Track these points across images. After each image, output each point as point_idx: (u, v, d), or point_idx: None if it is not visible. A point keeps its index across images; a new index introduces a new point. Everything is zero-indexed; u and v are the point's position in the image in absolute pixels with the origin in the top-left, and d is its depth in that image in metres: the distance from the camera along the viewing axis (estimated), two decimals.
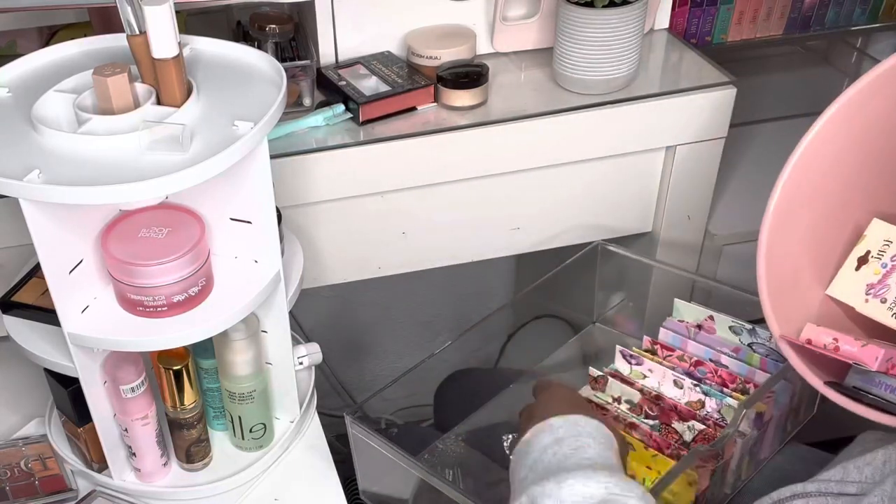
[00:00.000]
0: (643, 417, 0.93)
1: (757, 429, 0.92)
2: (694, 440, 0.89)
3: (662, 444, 0.89)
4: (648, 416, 0.93)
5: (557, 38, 1.12)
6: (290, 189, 1.03)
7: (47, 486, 0.92)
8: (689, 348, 0.99)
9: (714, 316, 1.02)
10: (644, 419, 0.92)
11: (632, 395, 0.94)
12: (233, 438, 0.95)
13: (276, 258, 0.83)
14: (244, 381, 0.88)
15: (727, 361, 0.96)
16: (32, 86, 0.76)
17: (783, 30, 1.43)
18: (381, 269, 1.17)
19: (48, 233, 0.72)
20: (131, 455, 0.89)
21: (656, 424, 0.91)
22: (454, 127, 1.07)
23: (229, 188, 0.79)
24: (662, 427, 0.91)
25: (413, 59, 1.13)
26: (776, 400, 0.93)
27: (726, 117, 1.15)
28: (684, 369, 0.97)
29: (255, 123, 0.71)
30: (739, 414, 0.85)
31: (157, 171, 0.67)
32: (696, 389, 0.93)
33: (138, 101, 0.74)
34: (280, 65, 0.78)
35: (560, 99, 1.12)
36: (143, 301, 0.77)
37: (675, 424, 0.91)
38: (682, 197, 1.20)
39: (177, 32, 0.72)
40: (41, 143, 0.70)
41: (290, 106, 1.08)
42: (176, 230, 0.78)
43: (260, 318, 0.88)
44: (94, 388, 0.82)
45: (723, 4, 1.37)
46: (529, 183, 1.14)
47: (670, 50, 1.23)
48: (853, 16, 1.44)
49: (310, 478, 0.93)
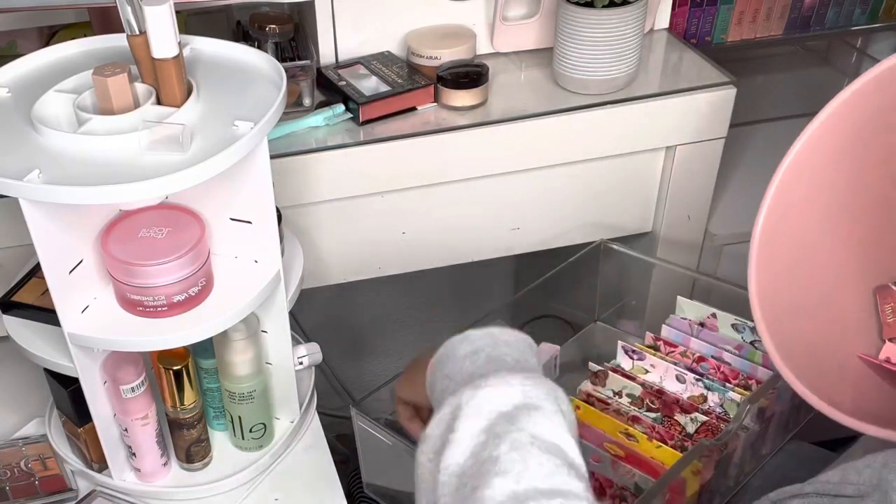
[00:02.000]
0: (645, 410, 0.93)
1: (759, 424, 0.93)
2: (697, 431, 0.89)
3: (666, 435, 0.89)
4: (651, 409, 0.93)
5: (557, 38, 1.12)
6: (290, 189, 1.03)
7: (47, 486, 0.92)
8: (692, 345, 1.00)
9: (716, 313, 1.02)
10: (646, 412, 0.93)
11: (633, 388, 0.94)
12: (233, 438, 0.95)
13: (276, 258, 0.83)
14: (244, 381, 0.88)
15: (730, 358, 0.97)
16: (32, 86, 0.76)
17: (783, 30, 1.43)
18: (381, 269, 1.17)
19: (48, 233, 0.72)
20: (131, 455, 0.89)
21: (658, 417, 0.92)
22: (454, 127, 1.07)
23: (229, 188, 0.79)
24: (665, 419, 0.91)
25: (413, 59, 1.13)
26: (779, 396, 0.93)
27: (726, 117, 1.15)
28: (686, 365, 0.97)
29: (255, 123, 0.71)
30: (744, 409, 0.85)
31: (157, 171, 0.67)
32: (699, 384, 0.93)
33: (138, 101, 0.74)
34: (280, 65, 0.78)
35: (560, 99, 1.12)
36: (143, 301, 0.77)
37: (678, 417, 0.91)
38: (682, 197, 1.20)
39: (177, 32, 0.72)
40: (41, 143, 0.70)
41: (290, 106, 1.08)
42: (176, 230, 0.78)
43: (260, 318, 0.88)
44: (94, 388, 0.82)
45: (723, 4, 1.37)
46: (529, 183, 1.14)
47: (670, 50, 1.23)
48: (853, 16, 1.44)
49: (310, 478, 0.93)
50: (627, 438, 0.89)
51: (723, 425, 0.89)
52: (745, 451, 0.93)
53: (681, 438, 0.88)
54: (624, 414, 0.92)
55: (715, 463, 0.86)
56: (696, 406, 0.92)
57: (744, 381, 0.94)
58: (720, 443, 0.84)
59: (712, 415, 0.91)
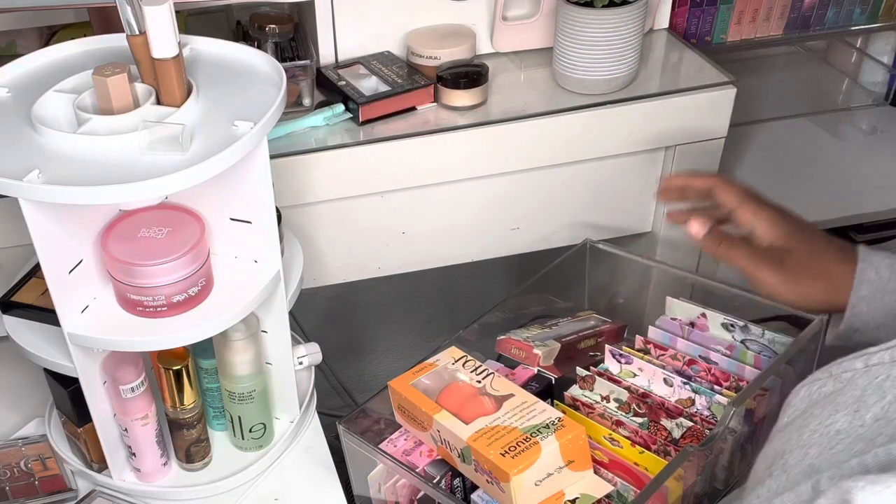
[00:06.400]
0: (631, 415, 0.93)
1: (749, 426, 0.92)
2: (683, 437, 0.89)
3: (649, 440, 0.89)
4: (637, 413, 0.93)
5: (557, 38, 1.12)
6: (290, 189, 1.03)
7: (47, 486, 0.92)
8: (680, 346, 0.99)
9: (707, 313, 1.01)
10: (633, 417, 0.93)
11: (620, 393, 0.94)
12: (233, 438, 0.95)
13: (276, 258, 0.83)
14: (244, 381, 0.88)
15: (720, 359, 0.96)
16: (32, 86, 0.76)
17: (783, 30, 1.43)
18: (381, 269, 1.17)
19: (48, 233, 0.72)
20: (131, 455, 0.89)
21: (644, 422, 0.92)
22: (454, 127, 1.07)
23: (229, 188, 0.79)
24: (651, 424, 0.91)
25: (413, 59, 1.13)
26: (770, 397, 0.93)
27: (726, 117, 1.15)
28: (677, 368, 0.97)
29: (254, 123, 0.71)
30: (728, 413, 0.85)
31: (157, 171, 0.67)
32: (686, 387, 0.93)
33: (138, 101, 0.74)
34: (280, 65, 0.78)
35: (560, 99, 1.12)
36: (143, 301, 0.77)
37: (664, 422, 0.91)
38: None
39: (177, 32, 0.72)
40: (41, 143, 0.70)
41: (289, 106, 1.08)
42: (176, 230, 0.78)
43: (260, 318, 0.88)
44: (93, 388, 0.82)
45: (723, 4, 1.37)
46: (529, 183, 1.14)
47: (670, 50, 1.23)
48: (853, 16, 1.44)
49: (310, 478, 0.93)
50: (612, 444, 0.89)
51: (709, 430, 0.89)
52: (734, 453, 0.93)
53: (664, 443, 0.88)
54: (608, 419, 0.92)
55: (700, 468, 0.86)
56: (682, 410, 0.92)
57: (734, 383, 0.94)
58: (705, 448, 0.84)
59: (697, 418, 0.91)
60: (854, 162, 1.37)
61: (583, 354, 1.02)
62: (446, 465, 0.87)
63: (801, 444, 0.59)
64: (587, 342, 1.04)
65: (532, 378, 0.98)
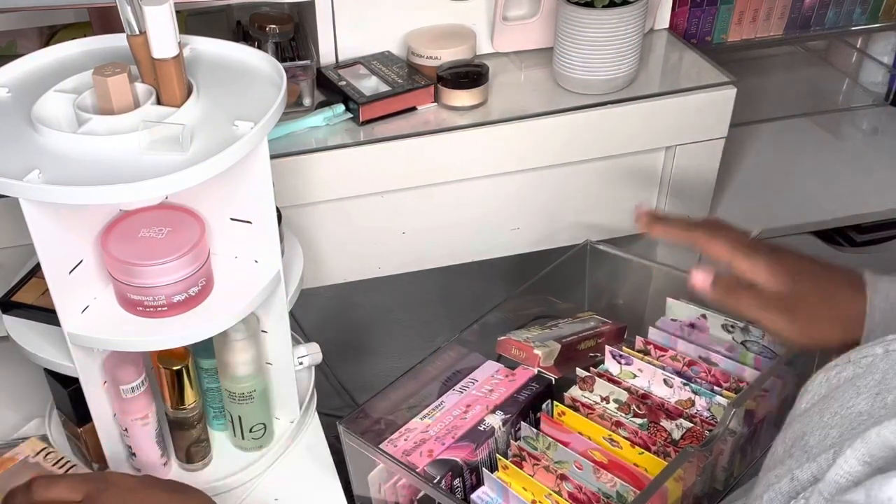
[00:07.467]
0: (631, 416, 0.93)
1: (749, 426, 0.92)
2: (682, 438, 0.89)
3: (649, 441, 0.89)
4: (637, 414, 0.93)
5: (557, 38, 1.12)
6: (290, 189, 1.03)
7: None
8: (680, 347, 0.99)
9: (707, 314, 1.02)
10: (632, 418, 0.93)
11: (620, 394, 0.94)
12: (233, 438, 0.95)
13: (276, 258, 0.83)
14: (244, 382, 0.88)
15: (720, 360, 0.96)
16: (32, 86, 0.76)
17: (783, 30, 1.43)
18: (381, 269, 1.17)
19: (48, 233, 0.72)
20: (131, 455, 0.89)
21: (644, 423, 0.92)
22: (454, 127, 1.07)
23: (229, 188, 0.79)
24: (650, 425, 0.91)
25: (413, 59, 1.13)
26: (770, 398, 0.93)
27: (726, 117, 1.15)
28: (677, 369, 0.97)
29: (255, 123, 0.71)
30: (728, 414, 0.85)
31: (157, 171, 0.67)
32: (686, 388, 0.93)
33: (138, 101, 0.74)
34: (280, 65, 0.78)
35: (560, 99, 1.12)
36: (143, 301, 0.77)
37: (664, 423, 0.91)
38: (682, 197, 1.20)
39: (177, 32, 0.72)
40: (41, 143, 0.70)
41: (290, 106, 1.08)
42: (176, 230, 0.78)
43: (260, 318, 0.88)
44: (94, 388, 0.82)
45: (723, 4, 1.37)
46: (529, 183, 1.14)
47: (670, 50, 1.23)
48: (853, 16, 1.44)
49: (310, 478, 0.93)
50: (611, 445, 0.89)
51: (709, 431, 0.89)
52: (734, 454, 0.93)
53: (664, 444, 0.88)
54: (608, 419, 0.92)
55: (699, 468, 0.86)
56: (682, 411, 0.92)
57: (734, 385, 0.94)
58: (704, 450, 0.84)
59: (697, 419, 0.91)
60: (854, 162, 1.37)
61: (583, 355, 1.02)
62: (447, 465, 0.87)
63: (822, 425, 0.59)
64: (587, 343, 1.04)
65: (532, 379, 0.98)
